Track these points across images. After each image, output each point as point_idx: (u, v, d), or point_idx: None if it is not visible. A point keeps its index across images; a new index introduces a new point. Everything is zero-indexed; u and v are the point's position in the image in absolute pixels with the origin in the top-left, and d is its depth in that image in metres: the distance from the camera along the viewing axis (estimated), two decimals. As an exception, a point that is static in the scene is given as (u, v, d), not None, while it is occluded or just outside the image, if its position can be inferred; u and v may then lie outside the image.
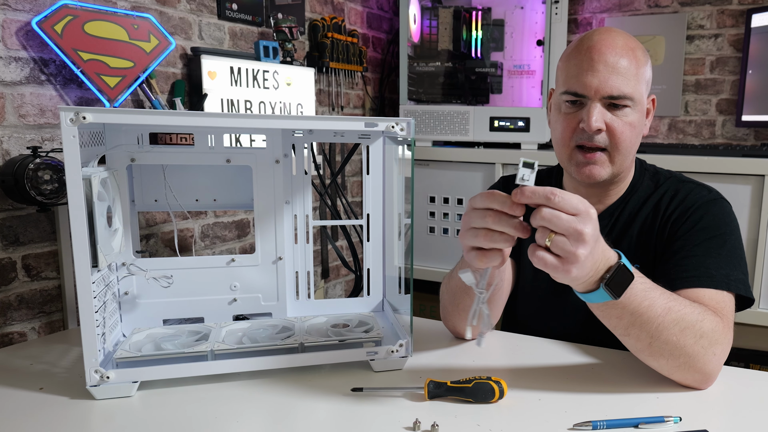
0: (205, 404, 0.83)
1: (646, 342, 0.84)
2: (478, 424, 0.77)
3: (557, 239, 0.70)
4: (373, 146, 1.08)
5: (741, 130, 2.32)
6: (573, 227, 0.70)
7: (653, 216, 1.05)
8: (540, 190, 0.70)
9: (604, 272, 0.77)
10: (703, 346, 0.84)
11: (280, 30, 1.91)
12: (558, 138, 1.04)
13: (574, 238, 0.70)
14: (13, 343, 1.31)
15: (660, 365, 0.87)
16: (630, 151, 1.01)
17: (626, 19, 2.45)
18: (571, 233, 0.70)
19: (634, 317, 0.81)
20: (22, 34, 1.31)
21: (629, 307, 0.80)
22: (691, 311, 0.84)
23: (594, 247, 0.72)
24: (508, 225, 0.72)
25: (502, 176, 1.29)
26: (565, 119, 1.01)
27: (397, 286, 1.06)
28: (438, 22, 2.40)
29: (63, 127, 0.77)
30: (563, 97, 1.01)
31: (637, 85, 0.98)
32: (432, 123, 2.34)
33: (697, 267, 0.95)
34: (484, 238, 0.74)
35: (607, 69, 0.96)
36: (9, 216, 1.30)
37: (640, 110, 1.00)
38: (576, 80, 0.98)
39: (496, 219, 0.73)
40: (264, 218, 1.06)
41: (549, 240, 0.70)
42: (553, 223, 0.70)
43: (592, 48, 0.97)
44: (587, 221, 0.71)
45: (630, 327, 0.83)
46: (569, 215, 0.70)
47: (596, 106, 0.97)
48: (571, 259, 0.71)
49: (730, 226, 1.00)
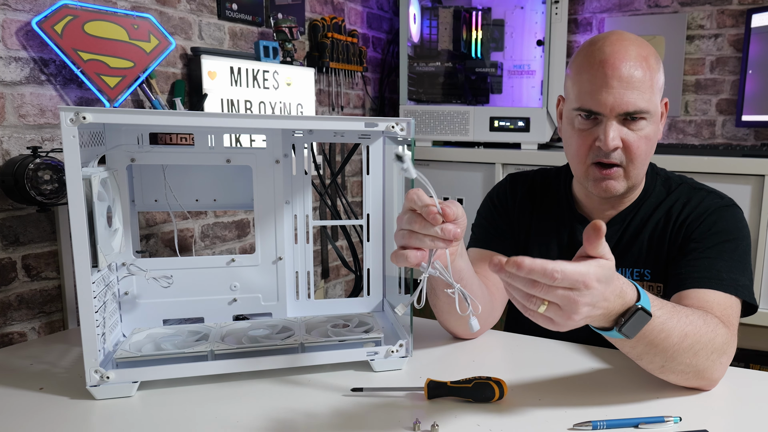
0: (205, 404, 0.83)
1: (658, 365, 0.83)
2: (478, 424, 0.77)
3: (551, 308, 0.66)
4: (373, 146, 1.08)
5: (741, 130, 2.32)
6: (568, 301, 0.65)
7: (665, 222, 1.05)
8: (539, 269, 0.62)
9: (620, 315, 0.73)
10: (713, 360, 0.84)
11: (280, 30, 1.91)
12: (573, 154, 1.02)
13: (568, 309, 0.66)
14: (13, 343, 1.31)
15: (670, 379, 0.86)
16: (645, 163, 1.01)
17: (626, 19, 2.45)
18: (565, 305, 0.65)
19: (648, 348, 0.80)
20: (22, 34, 1.31)
21: (644, 340, 0.78)
22: (705, 331, 0.82)
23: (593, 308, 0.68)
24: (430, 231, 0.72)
25: (509, 174, 1.24)
26: (580, 136, 0.99)
27: (397, 286, 1.06)
28: (438, 22, 2.40)
29: (63, 127, 0.77)
30: (576, 113, 0.98)
31: (652, 97, 0.96)
32: (432, 123, 2.34)
33: (708, 269, 0.95)
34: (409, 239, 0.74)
35: (621, 85, 0.93)
36: (9, 216, 1.30)
37: (655, 121, 0.98)
38: (590, 97, 0.95)
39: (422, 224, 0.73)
40: (264, 218, 1.06)
41: (542, 308, 0.66)
42: (549, 295, 0.65)
43: (605, 62, 0.93)
44: (585, 294, 0.66)
45: (644, 354, 0.82)
46: (566, 290, 0.65)
47: (612, 125, 0.94)
48: (564, 324, 0.67)
49: (742, 232, 1.00)
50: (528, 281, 0.64)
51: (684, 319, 0.81)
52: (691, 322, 0.82)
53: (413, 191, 0.74)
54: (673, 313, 0.80)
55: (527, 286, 0.64)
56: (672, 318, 0.80)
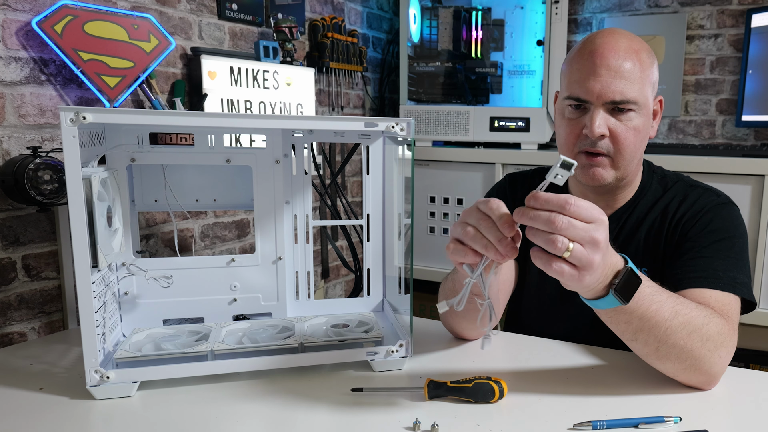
0: (205, 404, 0.83)
1: (653, 346, 0.83)
2: (478, 424, 0.77)
3: (575, 249, 0.69)
4: (373, 146, 1.08)
5: (741, 130, 2.32)
6: (589, 235, 0.69)
7: (661, 220, 1.05)
8: (554, 198, 0.68)
9: (612, 278, 0.76)
10: (710, 349, 0.84)
11: (280, 30, 1.91)
12: (562, 143, 1.03)
13: (590, 246, 0.69)
14: (13, 343, 1.31)
15: (666, 368, 0.87)
16: (635, 155, 1.00)
17: (626, 19, 2.45)
18: (587, 241, 0.69)
19: (642, 322, 0.81)
20: (22, 34, 1.31)
21: (637, 311, 0.79)
22: (698, 314, 0.84)
23: (605, 255, 0.72)
24: (494, 237, 0.72)
25: (508, 174, 1.25)
26: (569, 125, 1.00)
27: (397, 286, 1.06)
28: (438, 22, 2.40)
29: (63, 127, 0.77)
30: (566, 102, 1.00)
31: (642, 89, 0.96)
32: (432, 123, 2.34)
33: (705, 268, 0.95)
34: (470, 236, 0.74)
35: (609, 73, 0.94)
36: (9, 216, 1.30)
37: (645, 114, 0.99)
38: (578, 85, 0.97)
39: (489, 227, 0.73)
40: (264, 218, 1.06)
41: (568, 251, 0.69)
42: (569, 232, 0.68)
43: (595, 52, 0.96)
44: (601, 229, 0.70)
45: (638, 332, 0.82)
46: (584, 223, 0.69)
47: (599, 112, 0.95)
48: (587, 267, 0.70)
49: (738, 230, 1.01)
50: (549, 221, 0.67)
51: (674, 298, 0.83)
52: (681, 302, 0.84)
53: (493, 200, 0.74)
54: (662, 290, 0.83)
55: (549, 225, 0.68)
56: (662, 292, 0.82)
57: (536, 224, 0.69)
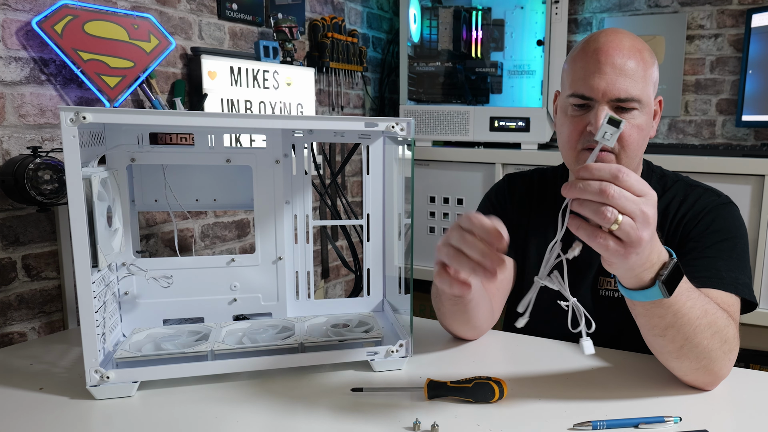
0: (205, 404, 0.83)
1: (679, 344, 0.82)
2: (478, 424, 0.77)
3: (624, 222, 0.66)
4: (373, 146, 1.08)
5: (741, 130, 2.31)
6: (640, 209, 0.66)
7: (661, 220, 1.05)
8: (606, 166, 0.66)
9: (660, 268, 0.74)
10: (725, 351, 0.84)
11: (280, 30, 1.91)
12: (565, 141, 1.02)
13: (640, 220, 0.66)
14: (13, 343, 1.31)
15: (681, 366, 0.86)
16: (637, 154, 1.00)
17: (626, 19, 2.45)
18: (638, 215, 0.66)
19: (675, 318, 0.79)
20: (22, 34, 1.31)
21: (673, 306, 0.77)
22: (721, 315, 0.83)
23: (653, 234, 0.70)
24: (479, 252, 0.71)
25: (507, 174, 1.25)
26: (572, 122, 0.99)
27: (397, 286, 1.06)
28: (438, 22, 2.40)
29: (63, 127, 0.77)
30: (570, 100, 0.99)
31: (645, 87, 0.96)
32: (432, 123, 2.34)
33: (708, 268, 0.95)
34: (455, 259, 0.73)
35: (614, 71, 0.94)
36: (9, 216, 1.30)
37: (647, 112, 0.99)
38: (583, 83, 0.96)
39: (472, 243, 0.72)
40: (264, 218, 1.06)
41: (617, 224, 0.66)
42: (620, 203, 0.65)
43: (599, 50, 0.95)
44: (651, 203, 0.68)
45: (669, 328, 0.80)
46: (635, 196, 0.66)
47: (604, 109, 0.95)
48: (635, 243, 0.67)
49: (740, 230, 1.01)
50: (600, 190, 0.65)
51: (703, 297, 0.82)
52: (709, 302, 0.83)
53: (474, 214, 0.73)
54: (692, 287, 0.81)
55: (600, 195, 0.65)
56: (693, 289, 0.81)
57: (586, 195, 0.66)
